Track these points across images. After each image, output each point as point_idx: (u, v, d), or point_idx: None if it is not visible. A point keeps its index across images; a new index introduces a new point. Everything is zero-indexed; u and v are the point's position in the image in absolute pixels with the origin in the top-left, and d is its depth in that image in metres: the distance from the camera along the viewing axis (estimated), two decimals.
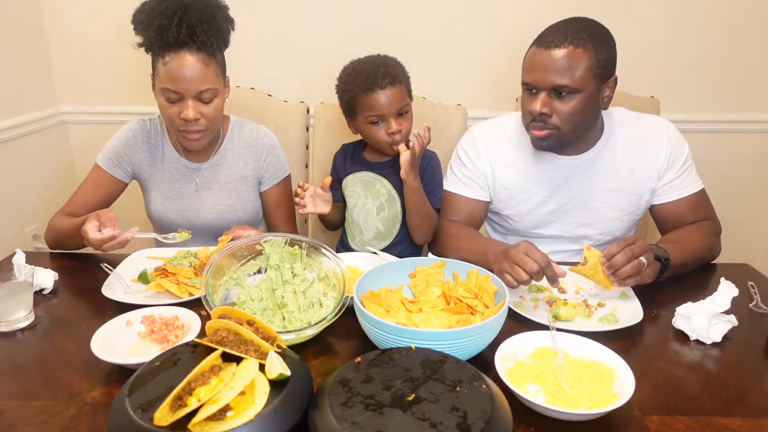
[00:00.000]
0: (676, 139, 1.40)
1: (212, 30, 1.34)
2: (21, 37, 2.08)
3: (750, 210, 2.32)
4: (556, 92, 1.26)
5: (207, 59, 1.34)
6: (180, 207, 1.54)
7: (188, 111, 1.34)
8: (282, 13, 2.12)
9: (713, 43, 2.10)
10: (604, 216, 1.44)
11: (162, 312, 1.06)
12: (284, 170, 1.61)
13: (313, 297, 1.09)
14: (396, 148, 1.42)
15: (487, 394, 0.75)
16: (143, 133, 1.52)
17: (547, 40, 1.25)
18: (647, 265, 1.13)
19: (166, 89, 1.33)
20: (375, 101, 1.40)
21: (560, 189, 1.43)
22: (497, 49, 2.12)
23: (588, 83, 1.25)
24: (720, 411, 0.85)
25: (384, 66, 1.40)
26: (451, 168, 1.54)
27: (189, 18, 1.30)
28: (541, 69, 1.25)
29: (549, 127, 1.29)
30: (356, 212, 1.56)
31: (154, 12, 1.30)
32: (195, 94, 1.34)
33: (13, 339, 1.07)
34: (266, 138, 1.58)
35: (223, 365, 0.78)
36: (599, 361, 0.91)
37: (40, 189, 2.20)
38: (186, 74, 1.31)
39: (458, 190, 1.50)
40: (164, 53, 1.32)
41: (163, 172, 1.53)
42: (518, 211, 1.48)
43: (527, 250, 1.12)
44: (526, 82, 1.30)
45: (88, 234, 1.24)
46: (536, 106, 1.27)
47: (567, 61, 1.23)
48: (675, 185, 1.40)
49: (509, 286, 1.10)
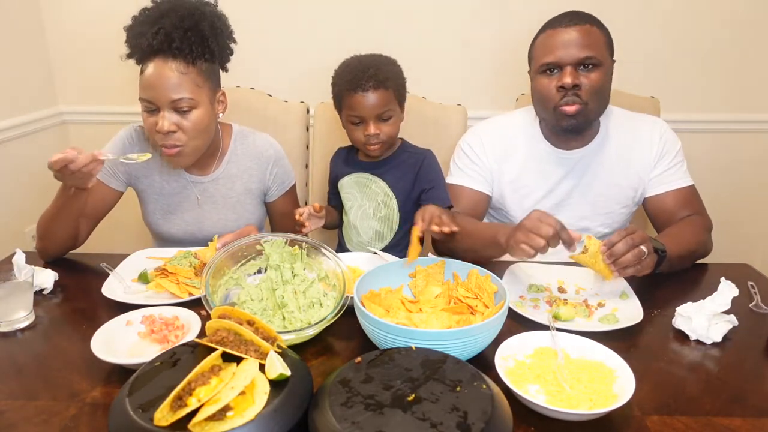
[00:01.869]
0: (668, 136, 1.45)
1: (194, 37, 1.28)
2: (21, 37, 2.08)
3: (750, 210, 2.32)
4: (582, 65, 1.30)
5: (184, 67, 1.28)
6: (182, 221, 1.50)
7: (162, 122, 1.27)
8: (282, 13, 2.12)
9: (713, 43, 2.10)
10: (602, 209, 1.47)
11: (162, 312, 1.06)
12: (290, 180, 1.58)
13: (313, 297, 1.09)
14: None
15: (487, 394, 0.75)
16: (140, 142, 1.46)
17: (563, 21, 1.31)
18: (647, 254, 1.13)
19: (142, 99, 1.29)
20: (356, 102, 1.39)
21: (561, 183, 1.46)
22: (497, 49, 2.12)
23: (606, 58, 1.33)
24: (720, 411, 0.85)
25: (375, 68, 1.38)
26: (454, 162, 1.55)
27: (165, 24, 1.26)
28: (564, 45, 1.29)
29: (579, 101, 1.31)
30: (353, 214, 1.56)
31: (136, 21, 1.29)
32: (168, 104, 1.27)
33: (13, 339, 1.06)
34: (271, 149, 1.53)
35: (223, 365, 0.78)
36: (599, 361, 0.91)
37: (40, 189, 2.19)
38: (159, 82, 1.26)
39: (462, 182, 1.51)
40: (142, 61, 1.29)
41: (161, 184, 1.48)
42: (520, 206, 1.49)
43: (540, 217, 1.12)
44: (548, 62, 1.31)
45: (55, 157, 1.13)
46: (567, 79, 1.29)
47: (588, 35, 1.30)
48: (665, 177, 1.43)
49: (527, 256, 1.11)
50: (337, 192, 1.59)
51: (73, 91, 2.28)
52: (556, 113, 1.34)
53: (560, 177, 1.45)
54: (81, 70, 2.23)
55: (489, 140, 1.50)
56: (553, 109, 1.34)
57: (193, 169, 1.48)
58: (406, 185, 1.50)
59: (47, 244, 1.38)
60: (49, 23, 2.17)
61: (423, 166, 1.50)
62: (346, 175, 1.56)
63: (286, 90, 1.94)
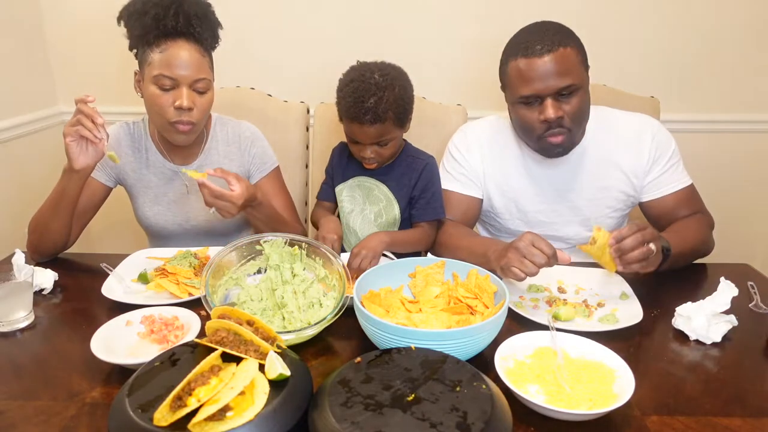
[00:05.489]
0: (661, 137, 1.40)
1: (206, 25, 1.34)
2: (21, 37, 2.08)
3: (750, 210, 2.32)
4: (560, 95, 1.27)
5: (202, 51, 1.34)
6: (169, 212, 1.51)
7: (183, 99, 1.31)
8: (282, 13, 2.11)
9: (713, 43, 2.10)
10: (592, 213, 1.45)
11: (162, 312, 1.06)
12: (271, 161, 1.58)
13: (312, 297, 1.09)
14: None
15: (486, 394, 0.75)
16: (127, 137, 1.49)
17: (535, 48, 1.25)
18: (654, 252, 1.11)
19: (161, 75, 1.30)
20: (354, 130, 1.38)
21: (549, 187, 1.44)
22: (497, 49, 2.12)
23: (583, 77, 1.29)
24: (720, 411, 0.85)
25: (377, 96, 1.32)
26: (443, 167, 1.54)
27: (185, 9, 1.30)
28: (540, 77, 1.25)
29: (564, 131, 1.30)
30: (353, 218, 1.54)
31: (149, 3, 1.30)
32: (191, 82, 1.32)
33: (13, 339, 1.06)
34: (248, 132, 1.56)
35: (222, 365, 0.78)
36: (599, 361, 0.91)
37: (40, 189, 2.19)
38: (184, 60, 1.30)
39: (453, 188, 1.50)
40: (159, 42, 1.30)
41: (149, 177, 1.49)
42: (508, 210, 1.49)
43: (533, 242, 1.11)
44: (527, 95, 1.28)
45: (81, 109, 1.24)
46: (550, 112, 1.26)
47: (564, 61, 1.25)
48: (662, 181, 1.41)
49: (517, 280, 1.11)
50: (333, 186, 1.56)
51: (73, 91, 2.26)
52: (542, 142, 1.33)
53: (548, 181, 1.43)
54: (81, 70, 2.22)
55: (475, 138, 1.49)
56: (538, 138, 1.33)
57: (177, 158, 1.50)
58: (408, 191, 1.48)
59: (41, 240, 1.38)
60: (49, 23, 2.17)
61: (423, 173, 1.48)
62: (349, 178, 1.53)
63: (286, 90, 1.94)
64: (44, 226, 1.36)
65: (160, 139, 1.48)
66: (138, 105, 1.33)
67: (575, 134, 1.33)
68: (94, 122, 1.23)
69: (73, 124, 1.24)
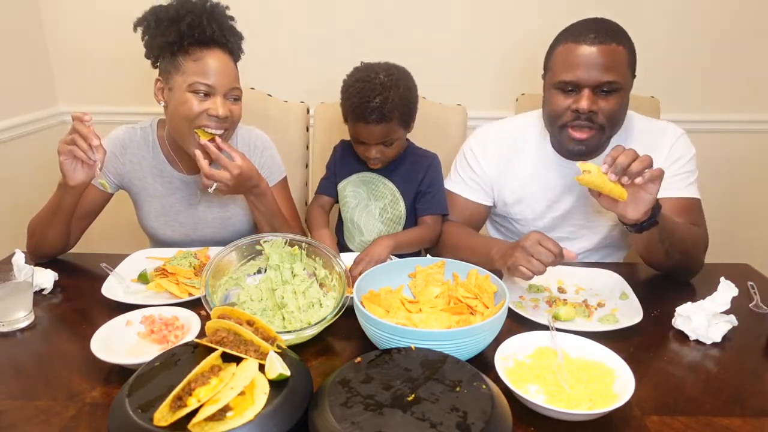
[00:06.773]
0: (680, 144, 1.37)
1: (236, 37, 1.36)
2: (21, 37, 2.08)
3: (750, 210, 2.32)
4: (600, 90, 1.23)
5: (234, 62, 1.36)
6: (175, 222, 1.49)
7: (218, 108, 1.29)
8: (283, 13, 2.12)
9: (713, 43, 2.10)
10: (609, 220, 1.43)
11: (162, 312, 1.06)
12: (280, 172, 1.56)
13: (312, 297, 1.09)
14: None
15: (486, 394, 0.75)
16: (134, 143, 1.45)
17: (588, 37, 1.21)
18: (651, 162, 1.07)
19: (197, 83, 1.28)
20: (359, 130, 1.39)
21: (566, 193, 1.41)
22: (497, 49, 2.12)
23: (628, 80, 1.26)
24: (720, 411, 0.85)
25: (382, 96, 1.32)
26: (455, 168, 1.53)
27: (219, 20, 1.31)
28: (585, 65, 1.21)
29: (595, 126, 1.26)
30: (357, 213, 1.54)
31: (183, 9, 1.28)
32: (227, 91, 1.31)
33: (13, 339, 1.06)
34: (259, 141, 1.53)
35: (223, 365, 0.78)
36: (599, 361, 0.91)
37: (40, 189, 2.19)
38: (221, 69, 1.30)
39: (461, 192, 1.50)
40: (194, 50, 1.28)
41: (155, 186, 1.46)
42: (524, 216, 1.47)
43: (540, 241, 1.11)
44: (566, 81, 1.24)
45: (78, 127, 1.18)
46: (584, 104, 1.22)
47: (613, 57, 1.21)
48: (669, 183, 1.34)
49: (525, 279, 1.11)
50: (335, 182, 1.56)
51: (73, 91, 2.28)
52: (564, 133, 1.29)
53: (566, 187, 1.40)
54: (81, 70, 2.22)
55: (493, 145, 1.46)
56: (561, 127, 1.29)
57: (187, 168, 1.47)
58: (416, 186, 1.49)
59: (39, 244, 1.37)
60: (48, 23, 2.17)
61: (430, 170, 1.49)
62: (353, 173, 1.53)
63: (286, 90, 1.94)
64: (42, 232, 1.36)
65: (171, 146, 1.45)
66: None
67: (602, 136, 1.28)
68: (89, 143, 1.18)
69: (68, 143, 1.20)
